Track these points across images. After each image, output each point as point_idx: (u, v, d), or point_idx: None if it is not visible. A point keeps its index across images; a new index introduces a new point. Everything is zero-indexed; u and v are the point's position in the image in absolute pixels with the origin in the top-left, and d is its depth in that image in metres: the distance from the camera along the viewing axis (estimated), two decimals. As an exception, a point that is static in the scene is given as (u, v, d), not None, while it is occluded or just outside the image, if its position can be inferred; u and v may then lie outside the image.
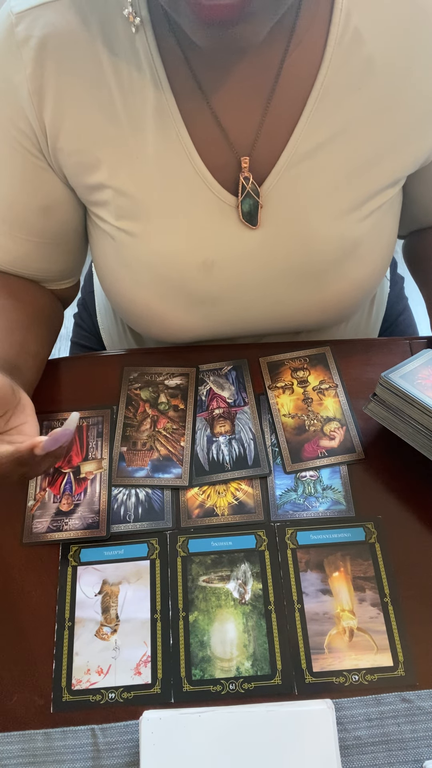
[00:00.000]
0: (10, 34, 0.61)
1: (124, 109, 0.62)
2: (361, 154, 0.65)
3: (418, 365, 0.66)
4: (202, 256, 0.68)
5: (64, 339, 1.09)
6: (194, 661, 0.56)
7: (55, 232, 0.71)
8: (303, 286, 0.71)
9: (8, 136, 0.64)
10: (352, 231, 0.68)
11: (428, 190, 0.75)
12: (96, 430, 0.71)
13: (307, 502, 0.65)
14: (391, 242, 0.75)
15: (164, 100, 0.61)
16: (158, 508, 0.65)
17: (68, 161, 0.65)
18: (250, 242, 0.67)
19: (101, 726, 0.53)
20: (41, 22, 0.60)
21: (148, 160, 0.64)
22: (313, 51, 0.61)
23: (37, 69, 0.61)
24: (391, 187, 0.69)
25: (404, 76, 0.62)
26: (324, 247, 0.68)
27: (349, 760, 0.51)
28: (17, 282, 0.74)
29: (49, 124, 0.63)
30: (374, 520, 0.64)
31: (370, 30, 0.60)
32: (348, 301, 0.74)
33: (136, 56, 0.60)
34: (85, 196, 0.69)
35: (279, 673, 0.56)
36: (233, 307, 0.73)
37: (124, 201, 0.66)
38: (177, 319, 0.73)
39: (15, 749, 0.52)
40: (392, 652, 0.56)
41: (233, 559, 0.62)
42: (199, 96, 0.62)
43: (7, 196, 0.68)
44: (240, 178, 0.65)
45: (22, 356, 0.68)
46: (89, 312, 1.03)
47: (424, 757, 0.51)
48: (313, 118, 0.63)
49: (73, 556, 0.62)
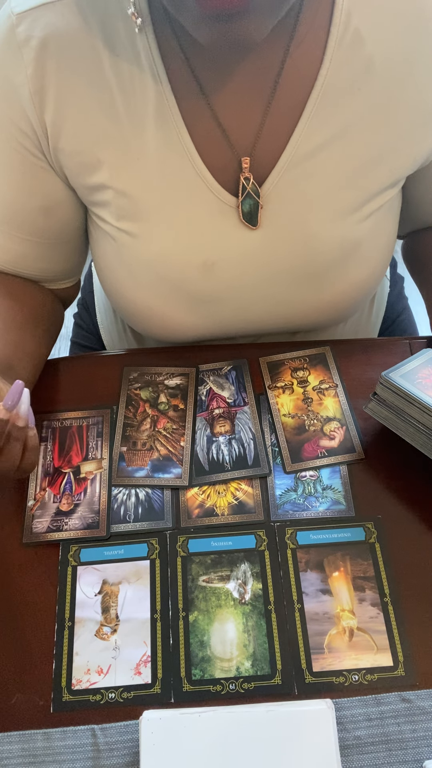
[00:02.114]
0: (11, 34, 0.61)
1: (125, 110, 0.62)
2: (361, 155, 0.65)
3: (418, 364, 0.66)
4: (203, 257, 0.68)
5: (64, 339, 1.09)
6: (194, 661, 0.56)
7: (55, 233, 0.71)
8: (303, 287, 0.71)
9: (9, 136, 0.64)
10: (352, 232, 0.68)
11: (427, 190, 0.75)
12: (96, 430, 0.71)
13: (307, 502, 0.65)
14: (391, 243, 0.75)
15: (165, 100, 0.61)
16: (158, 508, 0.65)
17: (69, 162, 0.65)
18: (250, 243, 0.67)
19: (101, 726, 0.53)
20: (42, 22, 0.60)
21: (149, 161, 0.64)
22: (314, 51, 0.61)
23: (38, 69, 0.60)
24: (391, 188, 0.69)
25: (405, 77, 0.62)
26: (324, 248, 0.68)
27: (349, 760, 0.51)
28: (16, 282, 0.74)
29: (50, 125, 0.63)
30: (374, 520, 0.64)
31: (371, 31, 0.60)
32: (348, 301, 0.74)
33: (137, 57, 0.60)
34: (86, 197, 0.69)
35: (279, 673, 0.56)
36: (233, 307, 0.73)
37: (125, 201, 0.66)
38: (177, 319, 0.73)
39: (15, 749, 0.52)
40: (392, 652, 0.56)
41: (233, 559, 0.62)
42: (199, 96, 0.62)
43: (7, 196, 0.68)
44: (240, 178, 0.65)
45: (17, 356, 0.68)
46: (89, 312, 1.03)
47: (424, 757, 0.51)
48: (314, 118, 0.63)
49: (73, 556, 0.62)
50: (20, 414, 0.56)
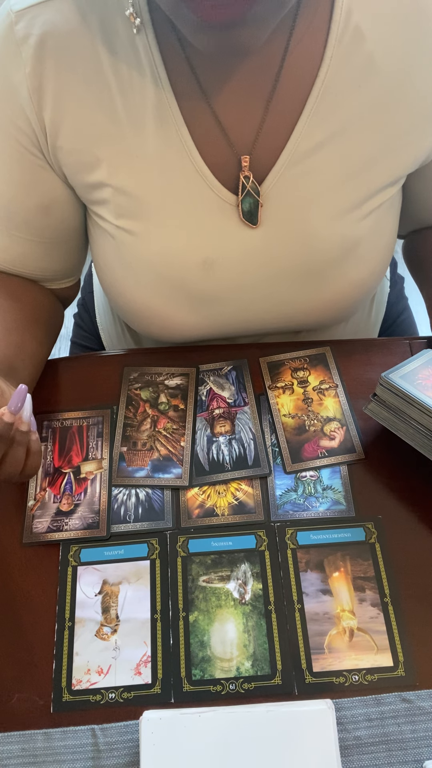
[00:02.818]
0: (10, 32, 0.61)
1: (124, 108, 0.62)
2: (361, 153, 0.65)
3: (418, 365, 0.66)
4: (202, 255, 0.68)
5: (64, 339, 1.09)
6: (194, 661, 0.56)
7: (54, 231, 0.71)
8: (303, 286, 0.71)
9: (8, 134, 0.64)
10: (352, 230, 0.68)
11: (428, 189, 0.75)
12: (96, 430, 0.71)
13: (307, 502, 0.65)
14: (391, 242, 0.75)
15: (164, 98, 0.61)
16: (158, 508, 0.65)
17: (68, 160, 0.65)
18: (250, 241, 0.67)
19: (101, 726, 0.53)
20: (41, 20, 0.60)
21: (148, 159, 0.64)
22: (314, 49, 0.61)
23: (37, 67, 0.60)
24: (391, 186, 0.69)
25: (405, 75, 0.62)
26: (324, 246, 0.68)
27: (349, 760, 0.51)
28: (16, 282, 0.74)
29: (49, 123, 0.63)
30: (374, 520, 0.64)
31: (371, 28, 0.60)
32: (348, 300, 0.74)
33: (136, 55, 0.60)
34: (85, 195, 0.68)
35: (279, 673, 0.56)
36: (233, 307, 0.73)
37: (124, 199, 0.66)
38: (177, 318, 0.73)
39: (15, 749, 0.52)
40: (392, 652, 0.56)
41: (233, 559, 0.62)
42: (199, 95, 0.62)
43: (6, 194, 0.68)
44: (240, 177, 0.65)
45: (19, 357, 0.68)
46: (89, 312, 1.03)
47: (424, 757, 0.51)
48: (314, 116, 0.63)
49: (73, 556, 0.62)
50: (24, 418, 0.56)
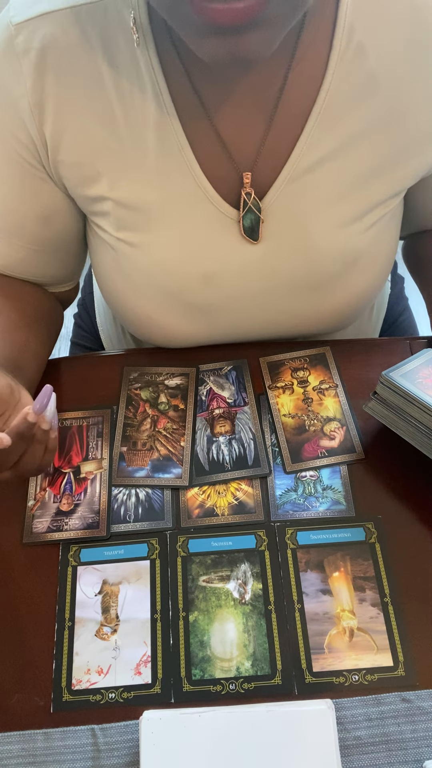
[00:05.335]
0: (10, 45, 0.60)
1: (124, 122, 0.62)
2: (362, 168, 0.64)
3: (418, 364, 0.66)
4: (203, 268, 0.67)
5: (64, 339, 1.09)
6: (194, 661, 0.56)
7: (54, 241, 0.71)
8: (304, 298, 0.71)
9: (8, 147, 0.64)
10: (353, 243, 0.68)
11: (428, 198, 0.75)
12: (96, 430, 0.71)
13: (307, 502, 0.65)
14: (392, 252, 0.75)
15: (165, 114, 0.61)
16: (158, 508, 0.65)
17: (68, 173, 0.65)
18: (250, 255, 0.67)
19: (101, 726, 0.53)
20: (41, 33, 0.59)
21: (149, 173, 0.63)
22: (316, 66, 0.60)
23: (38, 81, 0.60)
24: (392, 199, 0.68)
25: (407, 91, 0.62)
26: (325, 260, 0.68)
27: (349, 760, 0.51)
28: (18, 283, 0.74)
29: (50, 137, 0.62)
30: (374, 520, 0.64)
31: (374, 45, 0.60)
32: (348, 311, 0.74)
33: (137, 69, 0.60)
34: (86, 207, 0.68)
35: (279, 673, 0.56)
36: (233, 317, 0.73)
37: (125, 213, 0.66)
38: (177, 327, 0.73)
39: (15, 749, 0.52)
40: (392, 652, 0.56)
41: (233, 559, 0.62)
42: (200, 111, 0.62)
43: (6, 205, 0.67)
44: (242, 193, 0.64)
45: (24, 356, 0.68)
46: (89, 312, 1.03)
47: (424, 757, 0.51)
48: (315, 133, 0.62)
49: (73, 556, 0.62)
50: (46, 418, 0.56)
